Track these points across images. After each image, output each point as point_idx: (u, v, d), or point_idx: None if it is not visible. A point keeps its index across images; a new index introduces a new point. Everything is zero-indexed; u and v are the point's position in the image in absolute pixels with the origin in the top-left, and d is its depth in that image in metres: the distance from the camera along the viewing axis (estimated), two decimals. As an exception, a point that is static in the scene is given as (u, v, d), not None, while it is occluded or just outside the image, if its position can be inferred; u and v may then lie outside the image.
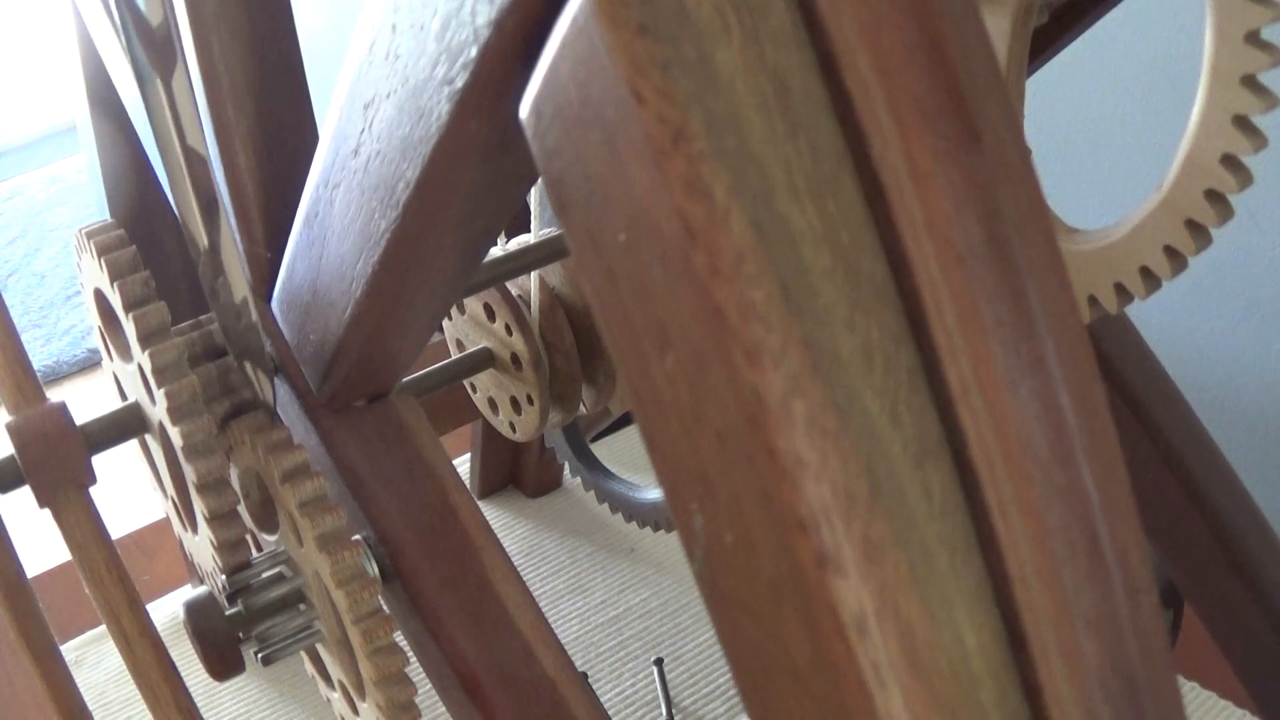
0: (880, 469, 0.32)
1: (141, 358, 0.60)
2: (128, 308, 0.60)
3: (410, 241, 0.48)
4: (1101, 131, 1.19)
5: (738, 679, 0.37)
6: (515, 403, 0.88)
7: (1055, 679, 0.36)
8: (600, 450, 1.08)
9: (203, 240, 0.60)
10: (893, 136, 0.33)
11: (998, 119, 0.34)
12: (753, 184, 0.32)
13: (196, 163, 0.59)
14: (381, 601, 0.60)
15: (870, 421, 0.32)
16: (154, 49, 0.59)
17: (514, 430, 0.91)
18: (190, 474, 0.60)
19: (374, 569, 0.62)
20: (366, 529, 0.63)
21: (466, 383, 0.92)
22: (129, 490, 1.47)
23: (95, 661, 1.32)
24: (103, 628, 1.39)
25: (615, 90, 0.31)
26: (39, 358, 2.27)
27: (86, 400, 0.63)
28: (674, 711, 1.13)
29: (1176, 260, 0.64)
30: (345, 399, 0.65)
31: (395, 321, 0.56)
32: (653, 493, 0.96)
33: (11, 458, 0.65)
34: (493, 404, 0.91)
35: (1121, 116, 1.17)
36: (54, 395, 0.69)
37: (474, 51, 0.38)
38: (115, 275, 0.61)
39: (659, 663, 1.14)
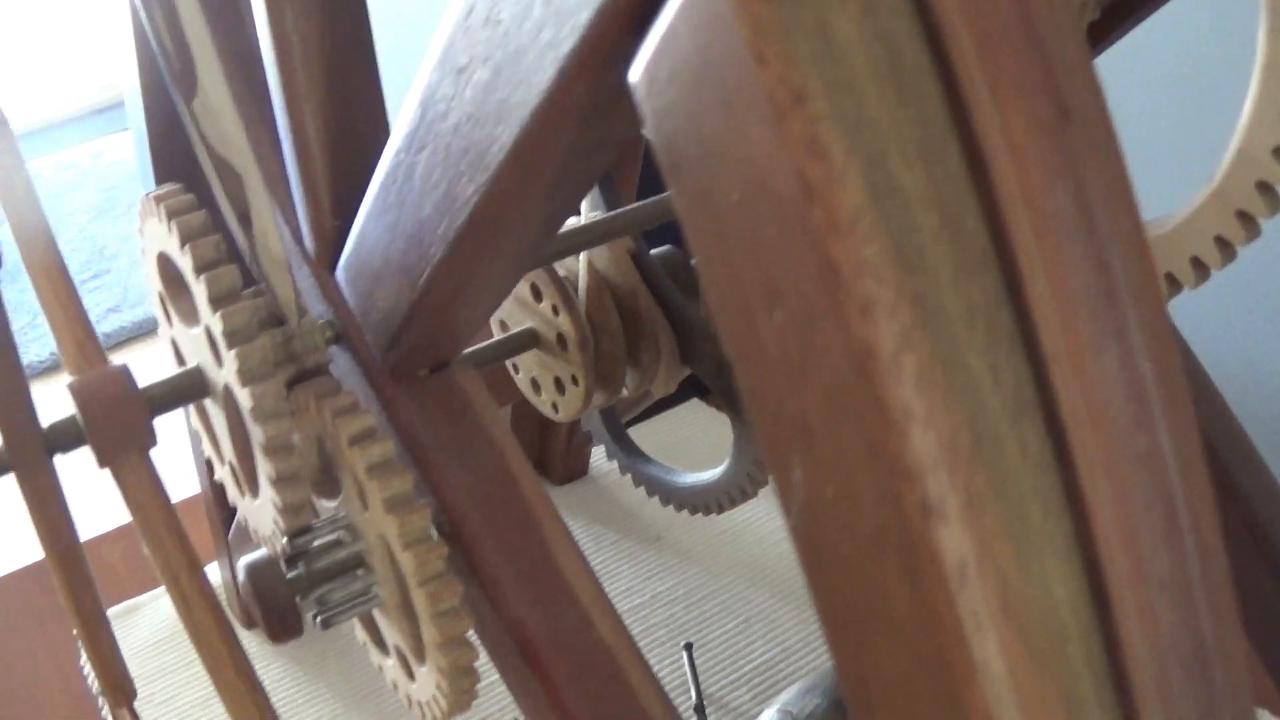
0: (981, 424, 0.34)
1: (211, 320, 0.61)
2: (199, 270, 0.61)
3: (496, 206, 0.49)
4: (1153, 125, 1.20)
5: (829, 633, 0.38)
6: (559, 383, 0.89)
7: (1133, 638, 0.37)
8: (632, 437, 1.09)
9: (245, 245, 0.62)
10: (991, 110, 0.34)
11: (1087, 97, 0.35)
12: (868, 146, 0.33)
13: (227, 174, 0.61)
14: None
15: (972, 378, 0.34)
16: (175, 77, 0.60)
17: (556, 411, 0.92)
18: (258, 436, 0.61)
19: (434, 536, 0.63)
20: (428, 497, 0.64)
21: (509, 363, 0.93)
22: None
23: (120, 637, 1.33)
24: (126, 604, 1.40)
25: (737, 52, 0.32)
26: (49, 340, 2.28)
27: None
28: (701, 693, 1.15)
29: (1226, 251, 0.65)
30: (408, 368, 0.66)
31: (469, 287, 0.57)
32: (689, 476, 0.97)
33: (72, 418, 0.66)
34: (535, 384, 0.92)
35: (1173, 110, 1.18)
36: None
37: (585, 15, 0.39)
38: (186, 238, 0.62)
39: (689, 647, 1.16)
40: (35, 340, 2.33)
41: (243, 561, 0.65)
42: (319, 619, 0.67)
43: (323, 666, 1.29)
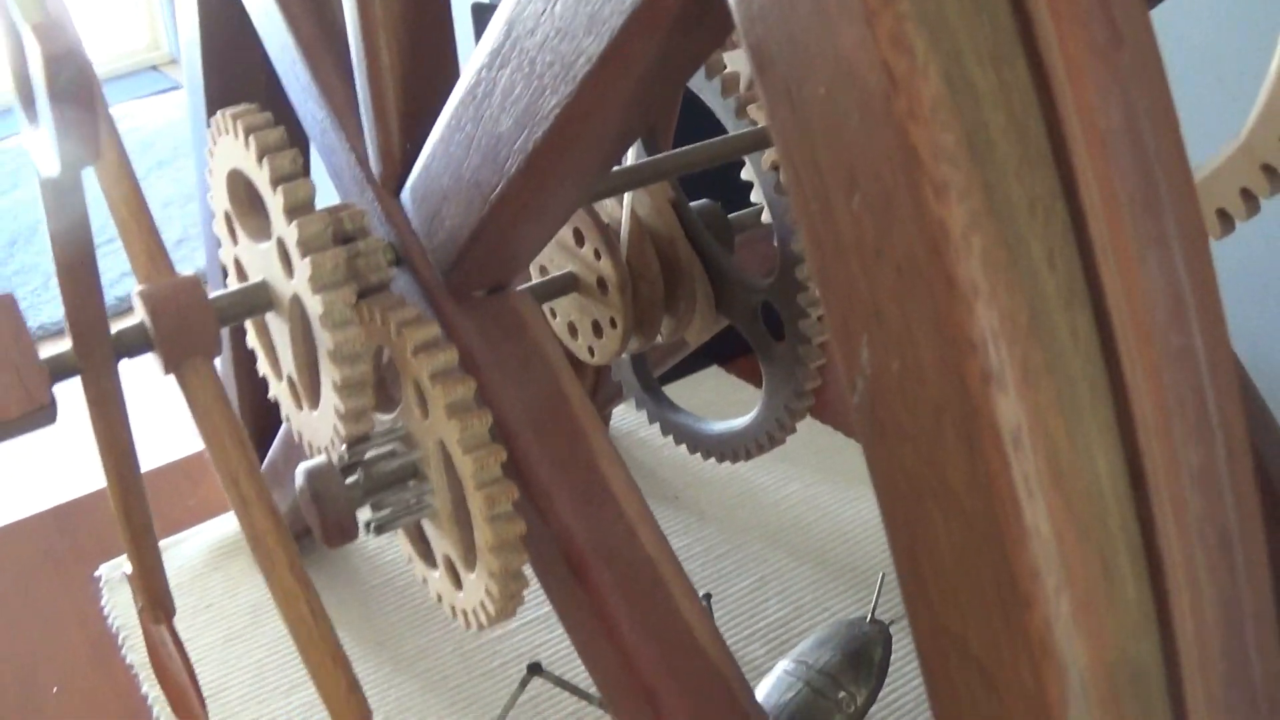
0: (1038, 304, 0.37)
1: (286, 230, 0.65)
2: (276, 181, 0.64)
3: (577, 120, 0.52)
4: (1183, 81, 1.23)
5: (885, 508, 0.42)
6: (597, 326, 0.92)
7: (1166, 519, 0.40)
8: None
9: None
10: (1051, 30, 0.37)
11: (1139, 26, 0.39)
12: (947, 45, 0.36)
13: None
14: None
15: (1032, 262, 0.37)
16: None
17: (592, 354, 0.95)
18: (327, 343, 0.64)
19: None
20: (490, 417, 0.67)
21: (546, 308, 0.96)
22: (173, 419, 1.51)
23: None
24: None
25: (830, -44, 0.36)
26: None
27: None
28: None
29: (1251, 203, 0.68)
30: (467, 289, 0.69)
31: (539, 203, 0.60)
32: (717, 425, 1.00)
33: (140, 325, 0.69)
34: (572, 329, 0.95)
35: (1204, 65, 1.21)
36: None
37: (679, -72, 0.42)
38: (264, 151, 0.65)
39: (707, 598, 1.19)
40: (47, 303, 2.36)
41: (302, 467, 0.68)
42: (373, 526, 0.70)
43: (343, 611, 1.32)
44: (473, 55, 0.58)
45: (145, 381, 0.77)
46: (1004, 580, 0.38)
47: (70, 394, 0.71)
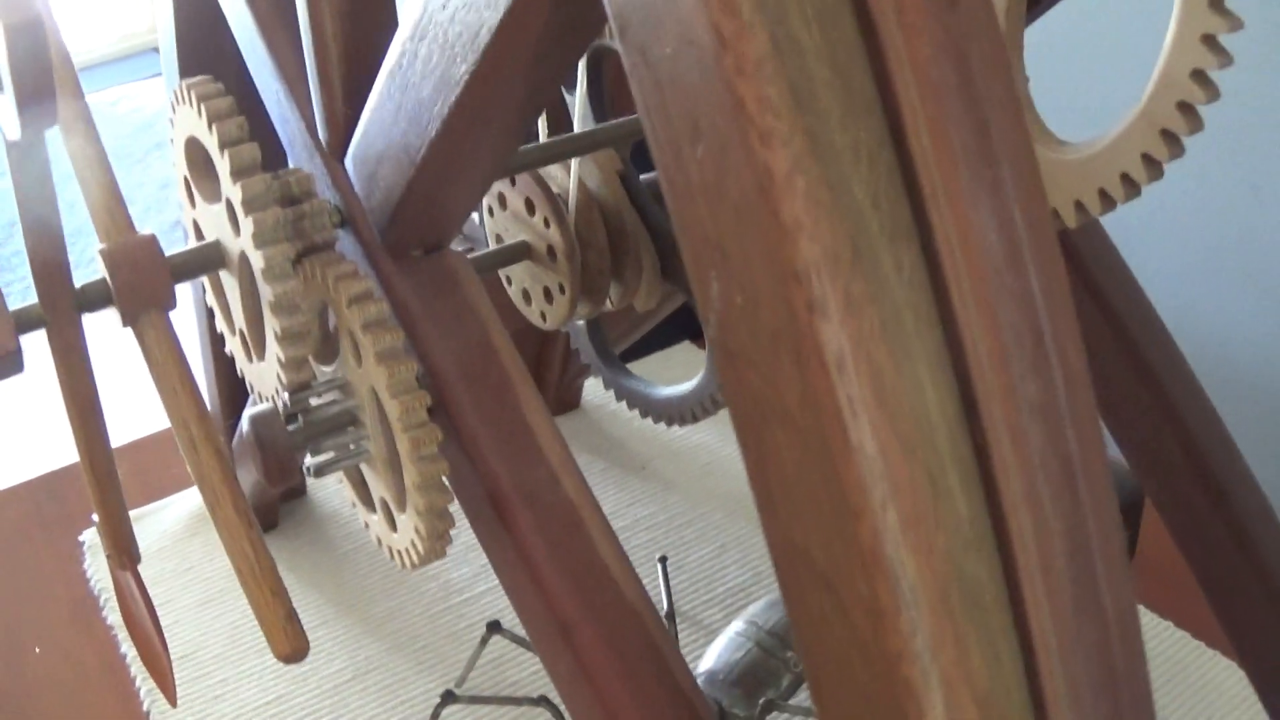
0: (861, 241, 0.41)
1: (232, 190, 0.69)
2: (223, 146, 0.68)
3: (485, 84, 0.57)
4: (1092, 53, 1.27)
5: (739, 429, 0.46)
6: (548, 293, 0.96)
7: (1002, 447, 0.44)
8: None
9: None
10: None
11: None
12: (773, 6, 0.40)
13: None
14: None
15: (855, 203, 0.41)
16: None
17: (544, 320, 0.99)
18: (268, 294, 0.68)
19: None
20: (417, 366, 0.71)
21: (502, 275, 1.00)
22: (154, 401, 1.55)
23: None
24: (131, 514, 1.47)
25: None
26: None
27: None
28: (675, 614, 1.21)
29: (1153, 168, 0.72)
30: (405, 248, 0.73)
31: (461, 163, 0.64)
32: (665, 389, 1.04)
33: (102, 280, 0.74)
34: (526, 295, 0.99)
35: (1110, 38, 1.25)
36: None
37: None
38: (214, 118, 0.69)
39: (663, 560, 1.22)
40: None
41: (247, 413, 0.72)
42: (312, 469, 0.74)
43: (315, 575, 1.36)
44: (399, 28, 0.62)
45: (129, 358, 0.81)
46: (836, 494, 0.42)
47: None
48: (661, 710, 0.66)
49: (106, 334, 0.87)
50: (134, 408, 1.48)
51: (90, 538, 1.44)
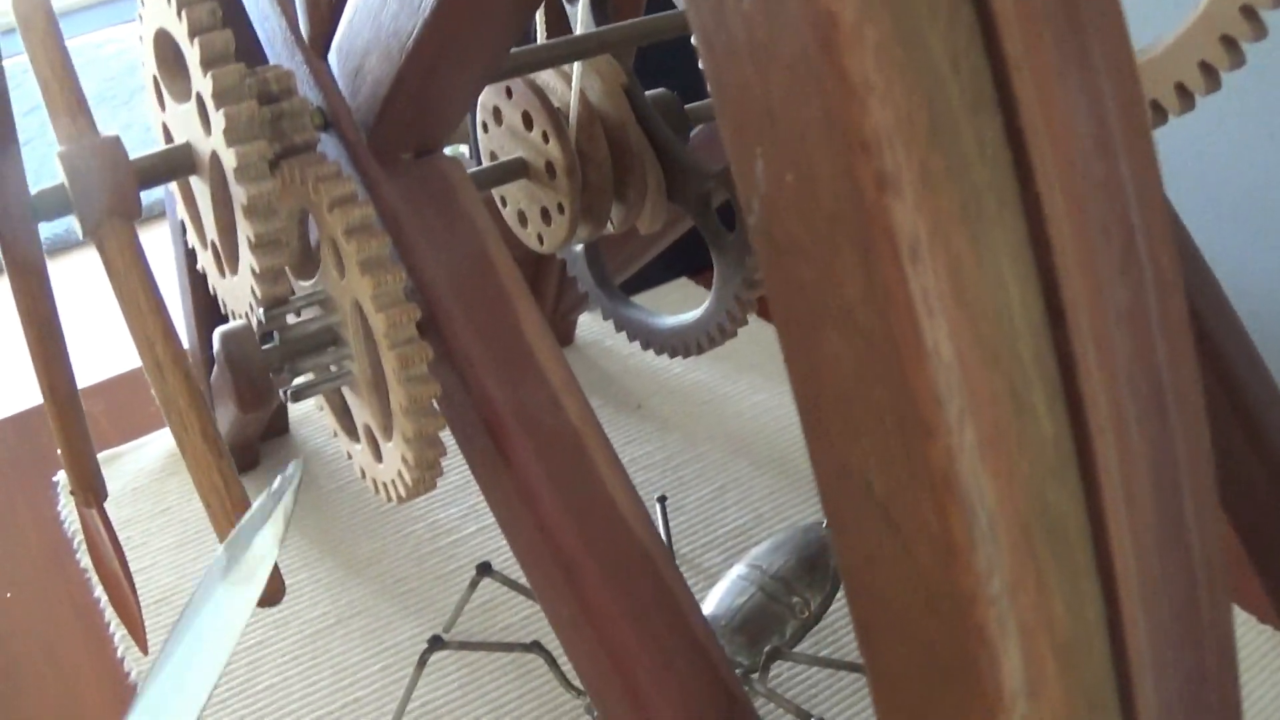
0: (939, 107, 0.34)
1: (203, 83, 0.62)
2: (193, 33, 0.62)
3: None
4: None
5: (783, 333, 0.39)
6: (545, 213, 0.90)
7: (1088, 359, 0.37)
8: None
9: None
10: None
11: None
12: None
13: None
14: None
15: (933, 61, 0.34)
16: None
17: (541, 242, 0.92)
18: (241, 197, 0.62)
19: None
20: (404, 276, 0.65)
21: (496, 195, 0.94)
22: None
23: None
24: (108, 453, 1.42)
25: None
26: (49, 228, 2.29)
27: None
28: (673, 552, 1.16)
29: (1211, 77, 0.66)
30: (393, 150, 0.67)
31: (457, 49, 0.58)
32: (669, 319, 0.98)
33: (60, 186, 0.67)
34: (522, 217, 0.93)
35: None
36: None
37: None
38: (184, 3, 0.62)
39: (662, 500, 1.17)
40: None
41: (218, 331, 0.66)
42: (290, 393, 0.68)
43: (297, 515, 1.30)
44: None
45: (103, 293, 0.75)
46: (904, 407, 0.36)
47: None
48: (672, 657, 0.60)
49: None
50: (110, 347, 1.42)
51: (64, 479, 1.39)
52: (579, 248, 1.02)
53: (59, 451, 0.84)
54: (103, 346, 1.51)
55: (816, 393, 0.39)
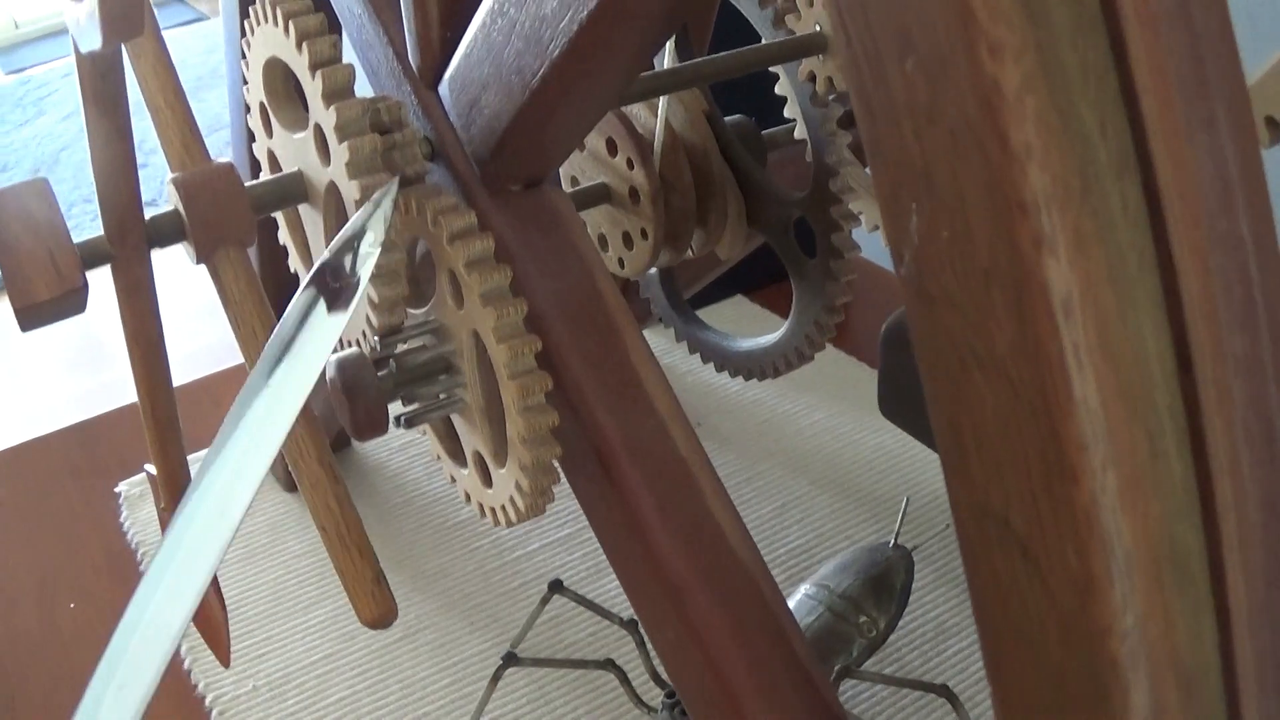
0: (1090, 171, 0.36)
1: (324, 115, 0.64)
2: (315, 66, 0.64)
3: (620, -1, 0.52)
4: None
5: (929, 379, 0.41)
6: (628, 238, 0.92)
7: (1210, 404, 0.39)
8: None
9: None
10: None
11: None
12: (1003, -94, 0.35)
13: None
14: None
15: (1084, 128, 0.36)
16: None
17: (622, 266, 0.94)
18: (362, 229, 0.64)
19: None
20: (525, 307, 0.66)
21: (577, 219, 0.96)
22: (199, 343, 1.51)
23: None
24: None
25: None
26: (92, 230, 2.31)
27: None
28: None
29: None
30: (503, 182, 0.69)
31: (581, 88, 0.60)
32: (745, 341, 1.00)
33: (174, 212, 0.69)
34: (603, 241, 0.95)
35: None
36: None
37: None
38: (303, 36, 0.64)
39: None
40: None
41: (333, 358, 0.67)
42: (403, 419, 0.70)
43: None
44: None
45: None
46: (1050, 453, 0.38)
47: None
48: (778, 680, 0.62)
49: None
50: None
51: (127, 489, 1.41)
52: (653, 270, 1.03)
53: (149, 467, 0.86)
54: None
55: (960, 434, 0.41)
